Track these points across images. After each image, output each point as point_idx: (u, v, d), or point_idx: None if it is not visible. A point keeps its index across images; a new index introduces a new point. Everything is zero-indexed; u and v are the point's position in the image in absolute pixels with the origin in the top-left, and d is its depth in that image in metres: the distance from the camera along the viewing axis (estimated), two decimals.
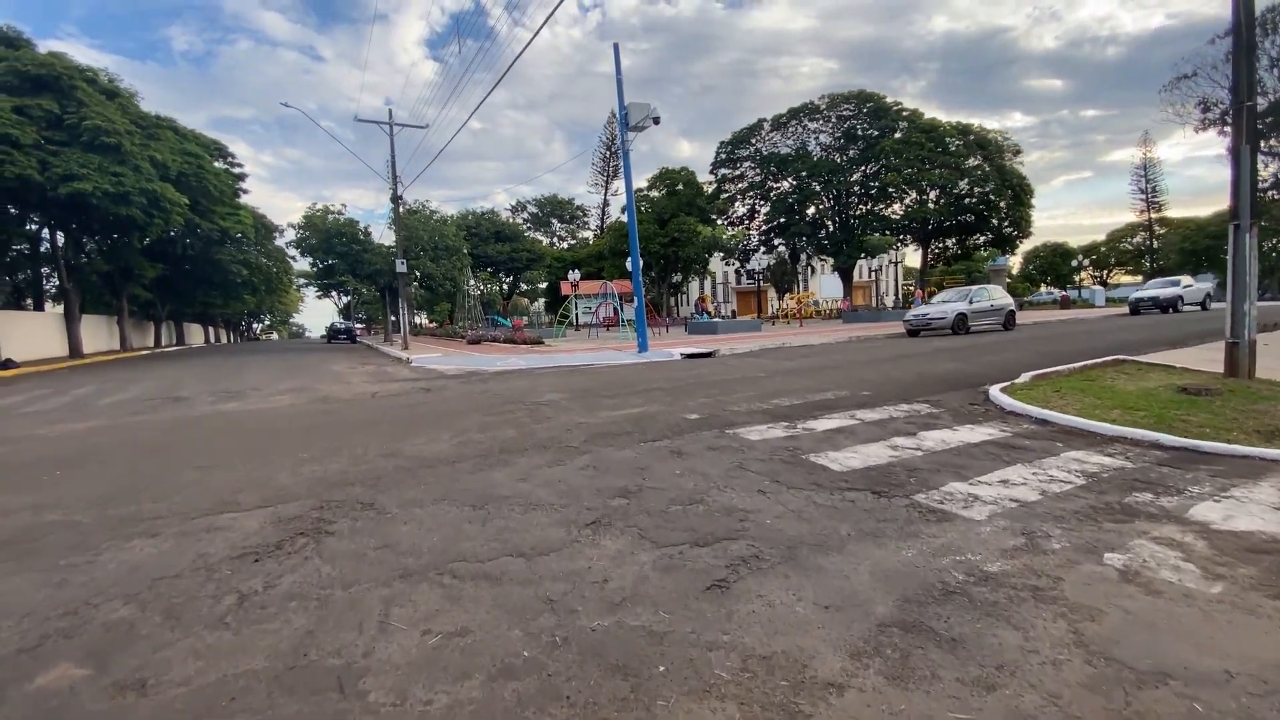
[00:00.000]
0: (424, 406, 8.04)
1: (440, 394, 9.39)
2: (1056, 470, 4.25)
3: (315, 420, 7.32)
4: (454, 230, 35.47)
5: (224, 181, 28.41)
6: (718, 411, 6.64)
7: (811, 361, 11.74)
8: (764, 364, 11.71)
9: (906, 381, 8.44)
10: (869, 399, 7.12)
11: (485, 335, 24.54)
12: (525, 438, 5.70)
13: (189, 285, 39.11)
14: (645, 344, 14.80)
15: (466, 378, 11.80)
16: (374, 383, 11.71)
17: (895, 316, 28.41)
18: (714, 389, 8.39)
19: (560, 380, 10.46)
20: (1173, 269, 73.16)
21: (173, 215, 21.42)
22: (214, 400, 9.90)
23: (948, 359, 11.10)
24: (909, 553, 2.98)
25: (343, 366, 16.47)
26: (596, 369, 12.37)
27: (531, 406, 7.50)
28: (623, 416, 6.57)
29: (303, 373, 14.83)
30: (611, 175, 64.01)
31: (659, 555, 2.99)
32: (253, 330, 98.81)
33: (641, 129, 14.07)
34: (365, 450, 5.46)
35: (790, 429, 5.69)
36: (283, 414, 8.04)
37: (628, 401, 7.60)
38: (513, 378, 11.32)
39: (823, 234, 41.70)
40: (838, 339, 17.36)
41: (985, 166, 35.92)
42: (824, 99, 39.64)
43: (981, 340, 15.00)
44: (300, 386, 11.44)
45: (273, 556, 3.22)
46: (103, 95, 19.43)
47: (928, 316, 16.75)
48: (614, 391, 8.59)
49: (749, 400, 7.30)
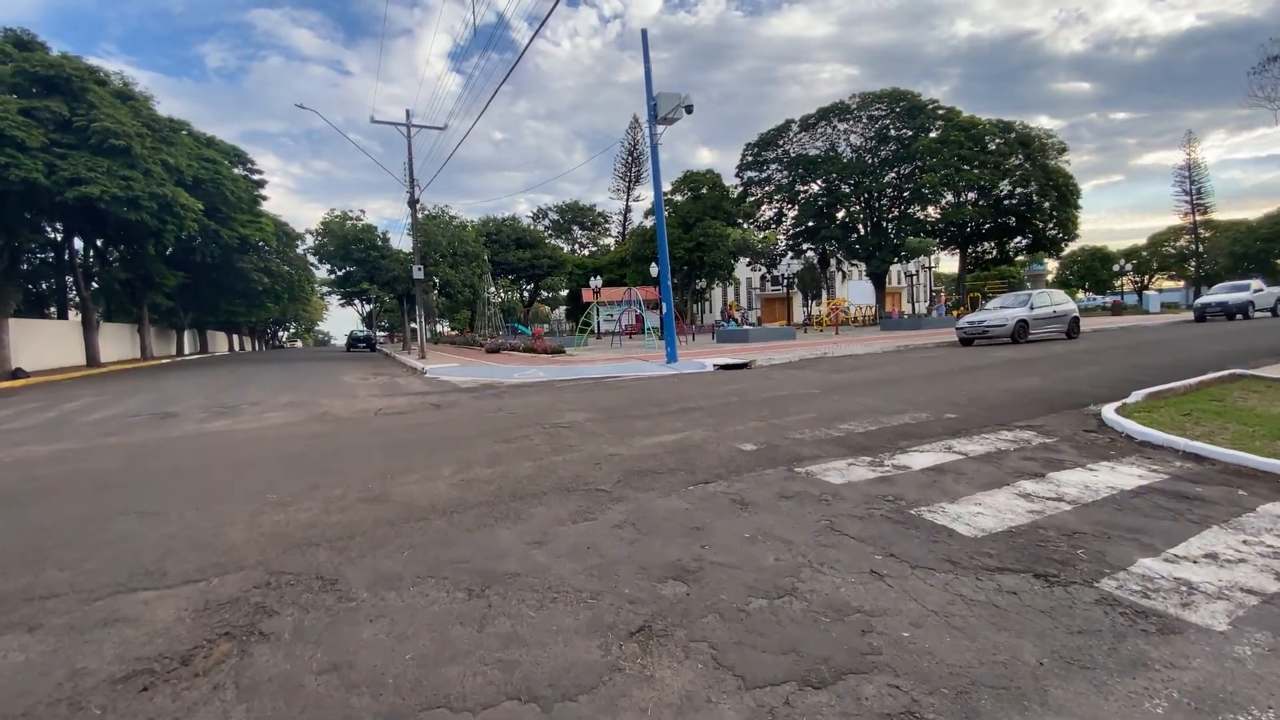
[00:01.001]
0: (428, 428, 7.02)
1: (450, 411, 8.38)
2: (1273, 538, 3.06)
3: (302, 445, 6.34)
4: (474, 236, 34.72)
5: (242, 188, 28.00)
6: (777, 440, 5.49)
7: (865, 375, 10.51)
8: (811, 377, 10.51)
9: (991, 400, 7.20)
10: (957, 424, 5.92)
11: (504, 344, 23.65)
12: (543, 475, 4.62)
13: (211, 293, 38.99)
14: (675, 354, 13.69)
15: (481, 391, 10.80)
16: (381, 396, 10.77)
17: (937, 324, 26.92)
18: (764, 409, 7.24)
19: (583, 396, 9.39)
20: (1221, 274, 70.12)
21: (187, 221, 20.90)
22: (204, 417, 9.02)
23: (1022, 372, 9.80)
24: (1157, 707, 1.84)
25: (354, 377, 15.63)
26: (623, 382, 11.29)
27: (551, 430, 6.43)
28: (661, 446, 5.46)
29: (311, 384, 14.00)
30: (634, 181, 63.21)
31: (753, 708, 1.87)
32: (279, 338, 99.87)
33: (672, 121, 13.02)
34: (345, 491, 4.42)
35: (877, 466, 4.53)
36: (270, 436, 7.09)
37: (664, 424, 6.49)
38: (531, 392, 10.28)
39: (853, 238, 40.23)
40: (883, 348, 16.05)
41: (1027, 166, 34.16)
42: (855, 98, 38.24)
43: (1050, 350, 13.60)
44: (302, 400, 10.54)
45: (169, 683, 2.16)
46: (115, 98, 19.00)
47: (985, 324, 15.33)
48: (646, 410, 7.49)
49: (811, 424, 6.14)
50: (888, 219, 38.76)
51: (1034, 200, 34.76)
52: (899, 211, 38.58)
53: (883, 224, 38.87)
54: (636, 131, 61.04)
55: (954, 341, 17.23)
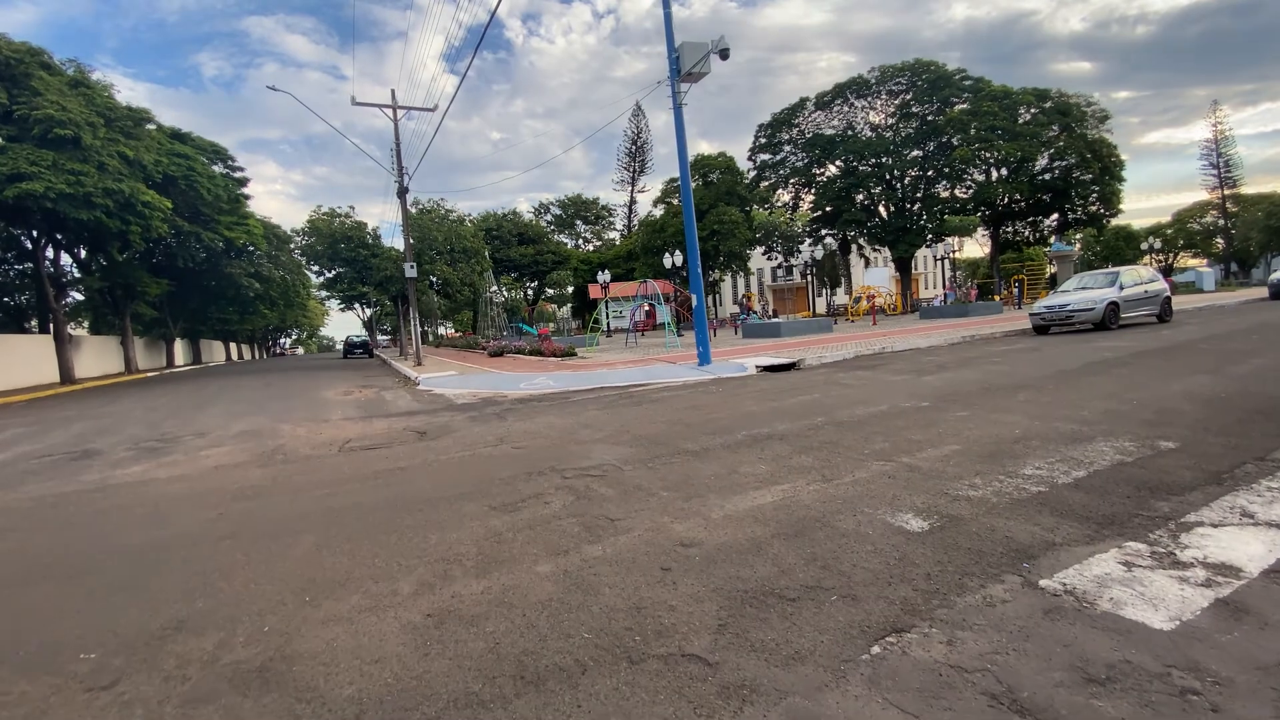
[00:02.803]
0: (399, 481, 4.98)
1: (436, 446, 6.35)
2: None
3: (211, 517, 4.31)
4: (472, 232, 32.59)
5: (221, 186, 25.93)
6: (944, 503, 3.42)
7: (964, 376, 8.38)
8: (895, 381, 8.41)
9: (1188, 412, 5.11)
10: (1194, 458, 3.85)
11: (508, 346, 21.60)
12: (572, 601, 2.56)
13: (200, 301, 37.15)
14: (708, 354, 11.61)
15: (480, 409, 8.77)
16: (358, 419, 8.75)
17: (985, 311, 24.56)
18: (874, 436, 5.16)
19: (610, 415, 7.33)
20: (1253, 250, 67.27)
21: (153, 221, 18.90)
22: (125, 458, 7.03)
23: (1170, 367, 7.68)
24: None
25: (337, 391, 13.63)
26: (654, 392, 9.23)
27: (576, 482, 4.38)
28: (758, 518, 3.40)
29: (284, 403, 12.01)
30: (638, 172, 61.03)
31: None
32: (280, 345, 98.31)
33: (699, 76, 10.90)
34: (219, 644, 2.39)
35: (1177, 568, 2.46)
36: (183, 494, 5.08)
37: (743, 468, 4.43)
38: (541, 409, 8.24)
39: (871, 223, 37.91)
40: (945, 339, 13.89)
41: (1066, 137, 31.67)
42: (873, 72, 35.80)
43: (1162, 337, 11.42)
44: (259, 429, 8.53)
45: None
46: (67, 86, 17.01)
47: (1068, 309, 13.10)
48: (704, 442, 5.42)
49: (969, 466, 4.06)
50: (912, 200, 36.38)
51: (1074, 174, 32.29)
52: (924, 192, 36.19)
53: (906, 206, 36.51)
54: (640, 120, 58.85)
55: (1020, 330, 15.07)
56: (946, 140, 34.00)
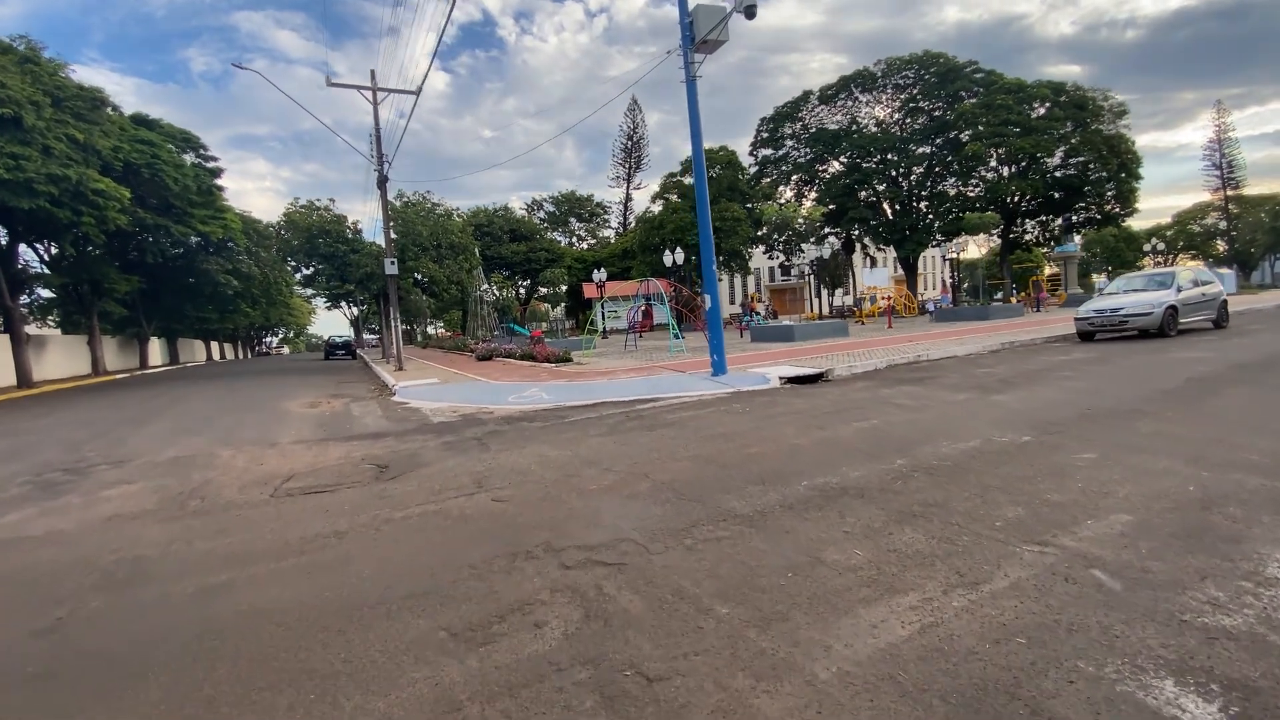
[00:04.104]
0: (325, 565, 3.57)
1: (394, 491, 4.95)
2: None
3: (41, 629, 2.89)
4: (461, 226, 30.96)
5: (190, 176, 24.22)
6: (1206, 653, 2.04)
7: (1042, 397, 7.05)
8: (958, 402, 7.07)
9: None
10: None
11: (497, 349, 20.14)
12: None
13: (175, 299, 35.35)
14: (724, 363, 10.24)
15: (458, 431, 7.36)
16: (313, 443, 7.32)
17: (1006, 314, 23.18)
18: (992, 492, 3.79)
19: (618, 445, 5.95)
20: (1258, 251, 66.69)
21: (109, 212, 17.30)
22: (8, 498, 5.58)
23: None
24: None
25: (301, 402, 12.16)
26: (666, 411, 7.85)
27: (581, 579, 2.99)
28: (894, 674, 2.01)
29: (236, 417, 10.54)
30: (634, 168, 59.61)
31: None
32: (266, 345, 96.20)
33: (716, 45, 9.52)
34: None
35: None
36: (37, 570, 3.67)
37: (827, 553, 3.05)
38: (532, 435, 6.84)
39: (877, 221, 36.61)
40: (983, 345, 12.55)
41: (1082, 132, 30.41)
42: (879, 64, 34.44)
43: (1246, 345, 10.18)
44: (192, 455, 7.08)
45: None
46: (14, 64, 15.36)
47: (1122, 313, 11.78)
48: (753, 496, 4.04)
49: (1170, 553, 2.70)
50: (919, 198, 35.11)
51: (1089, 171, 31.06)
52: (930, 189, 34.89)
53: (913, 204, 35.23)
54: (635, 114, 57.47)
55: (1061, 336, 13.79)
56: (955, 136, 32.73)
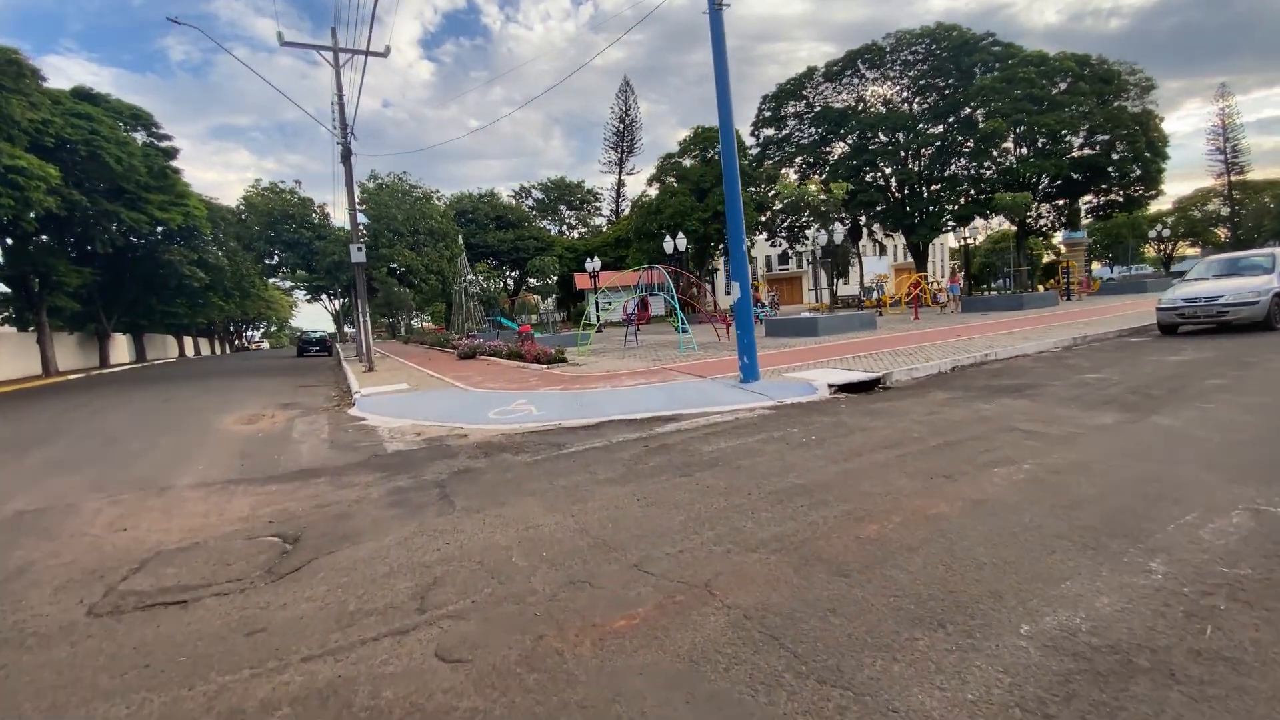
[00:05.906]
0: None
1: (285, 599, 2.94)
2: None
3: None
4: (441, 211, 28.64)
5: (138, 156, 21.86)
6: None
7: (1224, 419, 5.16)
8: (1105, 428, 5.16)
9: None
10: None
11: (481, 346, 18.06)
12: None
13: (137, 292, 32.86)
14: (755, 368, 8.28)
15: (417, 470, 5.37)
16: (220, 484, 5.30)
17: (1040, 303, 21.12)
18: None
19: (649, 509, 4.00)
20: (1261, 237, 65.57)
21: (32, 194, 15.05)
22: None
23: None
24: None
25: (238, 417, 10.09)
26: (699, 437, 5.90)
27: None
28: None
29: (144, 441, 8.45)
30: (626, 153, 57.35)
31: None
32: (248, 339, 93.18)
33: None
34: None
35: None
36: None
37: None
38: (517, 479, 4.86)
39: (882, 206, 34.71)
40: (1052, 342, 10.68)
41: (1105, 109, 28.54)
42: (889, 38, 32.36)
43: None
44: (44, 507, 5.03)
45: None
46: None
47: (1219, 302, 9.94)
48: (939, 662, 2.08)
49: None
50: (930, 181, 33.18)
51: (1114, 150, 29.23)
52: (941, 172, 32.95)
53: (924, 188, 33.31)
54: (626, 95, 55.18)
55: (1132, 329, 11.96)
56: (969, 114, 30.77)
